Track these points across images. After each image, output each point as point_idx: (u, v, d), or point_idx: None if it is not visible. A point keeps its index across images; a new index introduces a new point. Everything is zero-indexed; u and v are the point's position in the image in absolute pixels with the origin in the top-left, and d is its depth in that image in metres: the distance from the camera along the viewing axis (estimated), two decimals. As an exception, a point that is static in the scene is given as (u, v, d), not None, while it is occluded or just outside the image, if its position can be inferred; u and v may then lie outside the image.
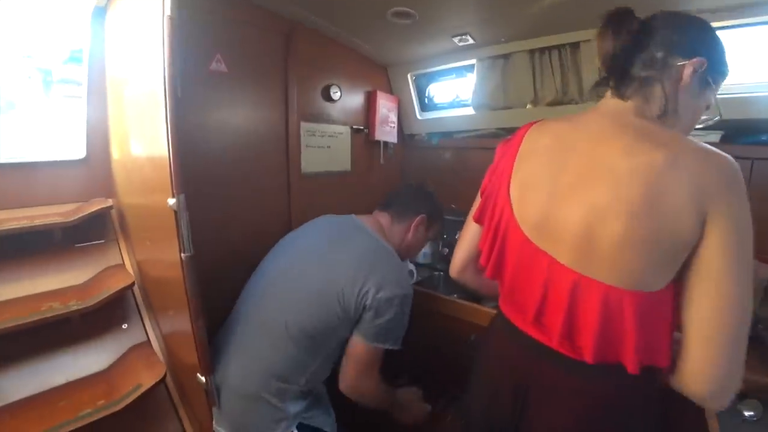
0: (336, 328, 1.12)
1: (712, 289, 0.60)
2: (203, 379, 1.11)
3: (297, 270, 1.19)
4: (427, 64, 1.98)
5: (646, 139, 0.65)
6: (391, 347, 1.13)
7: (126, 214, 1.54)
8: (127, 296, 1.45)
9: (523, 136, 0.81)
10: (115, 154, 1.53)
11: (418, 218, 1.33)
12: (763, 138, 1.41)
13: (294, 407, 1.12)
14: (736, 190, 0.59)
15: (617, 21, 0.73)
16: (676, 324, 0.65)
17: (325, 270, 1.14)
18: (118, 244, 1.56)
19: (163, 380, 1.25)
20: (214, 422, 1.17)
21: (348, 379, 1.16)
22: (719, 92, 0.76)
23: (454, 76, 2.03)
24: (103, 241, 1.54)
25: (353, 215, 1.33)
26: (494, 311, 1.48)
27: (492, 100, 1.85)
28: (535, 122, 0.83)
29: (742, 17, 1.31)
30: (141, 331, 1.43)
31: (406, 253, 1.33)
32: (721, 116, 0.78)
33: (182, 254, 1.04)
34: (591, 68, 1.51)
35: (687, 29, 0.72)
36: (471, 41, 1.67)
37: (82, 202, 1.53)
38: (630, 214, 0.61)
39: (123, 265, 1.51)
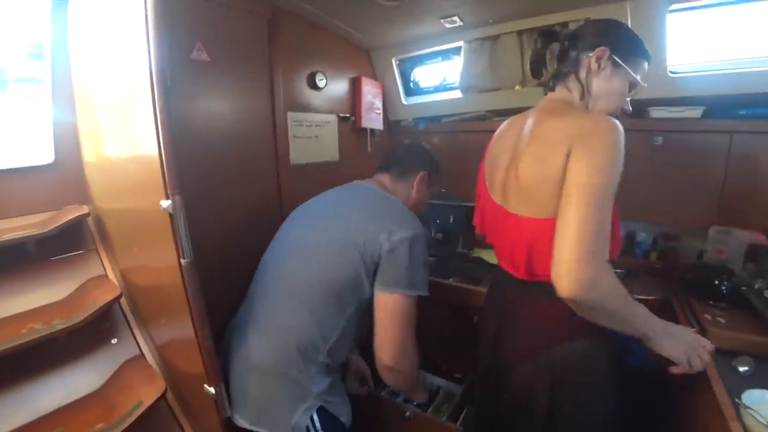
0: (358, 281, 1.10)
1: (566, 201, 0.77)
2: (212, 390, 1.05)
3: (312, 233, 1.18)
4: (411, 48, 1.93)
5: (551, 114, 0.90)
6: (417, 293, 1.10)
7: (105, 220, 1.42)
8: (114, 309, 1.35)
9: (497, 131, 1.09)
10: (89, 156, 1.40)
11: (419, 176, 1.33)
12: (741, 112, 1.46)
13: (316, 386, 1.08)
14: (596, 135, 0.77)
15: (543, 37, 1.02)
16: None
17: (340, 226, 1.15)
18: (98, 253, 1.45)
19: (164, 395, 1.18)
20: (233, 410, 1.11)
21: (387, 340, 1.09)
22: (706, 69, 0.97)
23: (440, 59, 2.00)
24: (81, 251, 1.42)
25: (355, 181, 1.33)
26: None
27: (480, 82, 1.83)
28: (507, 121, 1.08)
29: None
30: (132, 344, 1.33)
31: (411, 206, 1.32)
32: (645, 85, 0.96)
33: (181, 260, 0.97)
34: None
35: (592, 29, 0.95)
36: (459, 23, 1.64)
37: (53, 211, 1.40)
38: (538, 164, 0.84)
39: (106, 275, 1.41)
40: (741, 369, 1.00)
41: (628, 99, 0.96)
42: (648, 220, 1.70)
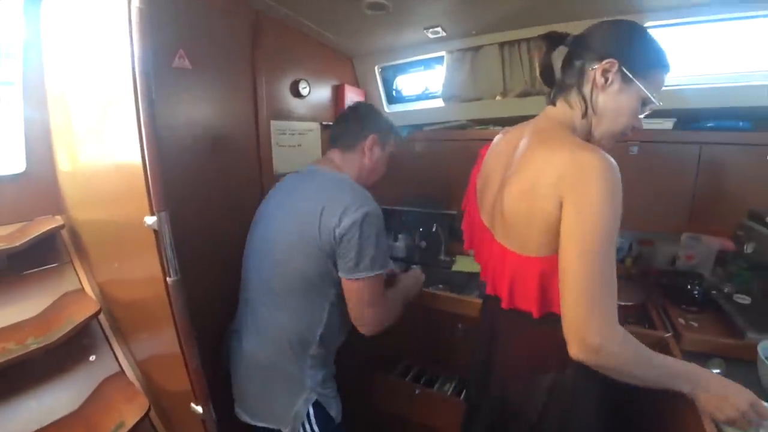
0: (326, 270, 1.10)
1: (564, 255, 0.72)
2: (200, 409, 1.03)
3: (274, 232, 1.17)
4: (394, 56, 1.94)
5: (544, 140, 0.81)
6: (377, 272, 1.09)
7: (81, 231, 1.37)
8: (92, 324, 1.29)
9: (491, 143, 1.03)
10: (63, 165, 1.34)
11: (368, 140, 1.25)
12: (709, 125, 1.54)
13: (311, 379, 1.12)
14: (588, 183, 0.69)
15: (547, 41, 0.88)
16: None
17: (295, 223, 1.13)
18: (74, 266, 1.39)
19: (147, 413, 1.14)
20: (235, 405, 1.19)
21: (364, 322, 1.13)
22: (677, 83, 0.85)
23: (422, 68, 2.01)
24: (55, 264, 1.36)
25: (308, 164, 1.29)
26: (476, 300, 1.54)
27: (462, 92, 1.86)
28: (502, 132, 1.02)
29: (696, 15, 1.42)
30: (112, 360, 1.29)
31: (368, 178, 1.29)
32: (660, 104, 0.83)
33: (167, 278, 0.94)
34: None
35: (600, 34, 0.83)
36: (442, 34, 1.66)
37: (24, 222, 1.34)
38: (524, 201, 0.78)
39: (82, 289, 1.35)
40: (714, 371, 1.03)
41: (642, 117, 0.85)
42: (624, 227, 1.75)
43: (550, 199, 0.73)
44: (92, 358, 1.26)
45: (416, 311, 1.60)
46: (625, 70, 0.78)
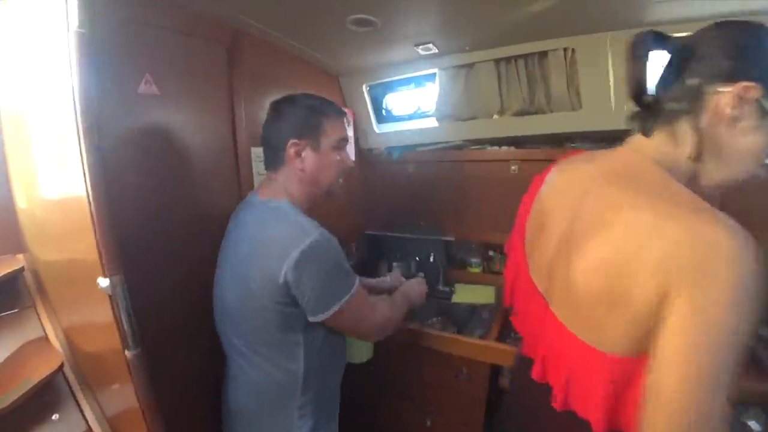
0: (288, 321, 1.00)
1: (658, 369, 0.51)
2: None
3: (224, 286, 1.10)
4: (383, 74, 1.84)
5: (636, 188, 0.60)
6: (346, 297, 0.98)
7: (43, 273, 1.25)
8: (56, 377, 1.18)
9: (547, 174, 0.81)
10: (21, 201, 1.23)
11: (288, 149, 1.04)
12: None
13: (299, 429, 1.07)
14: (715, 275, 0.48)
15: (643, 44, 0.64)
16: None
17: (235, 275, 1.05)
18: (36, 311, 1.27)
19: (114, 481, 1.03)
20: None
21: (362, 336, 1.22)
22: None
23: (413, 85, 1.90)
24: (15, 310, 1.24)
25: (251, 193, 1.16)
26: (481, 341, 1.43)
27: (456, 111, 1.76)
28: (561, 160, 0.80)
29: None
30: (78, 418, 1.16)
31: (315, 187, 1.10)
32: None
33: (126, 352, 0.83)
34: (559, 76, 1.45)
35: (725, 44, 0.59)
36: (434, 50, 1.55)
37: (-19, 265, 1.22)
38: (601, 273, 0.57)
39: (46, 337, 1.24)
40: (750, 424, 0.90)
41: None
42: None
43: (648, 285, 0.51)
44: (55, 417, 1.14)
45: (410, 351, 1.49)
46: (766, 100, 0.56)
